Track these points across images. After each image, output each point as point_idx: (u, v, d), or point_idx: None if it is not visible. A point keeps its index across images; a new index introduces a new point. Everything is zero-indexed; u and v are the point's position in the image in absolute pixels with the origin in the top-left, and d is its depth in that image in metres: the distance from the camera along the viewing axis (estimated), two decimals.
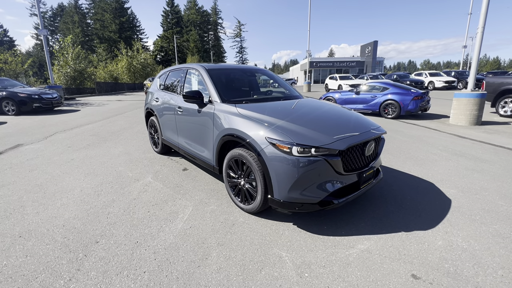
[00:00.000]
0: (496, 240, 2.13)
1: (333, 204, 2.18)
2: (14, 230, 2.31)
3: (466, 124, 6.92)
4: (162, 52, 66.58)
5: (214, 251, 2.04)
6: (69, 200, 2.88)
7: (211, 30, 73.60)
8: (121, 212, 2.61)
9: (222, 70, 3.59)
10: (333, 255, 1.98)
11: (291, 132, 2.21)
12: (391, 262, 1.90)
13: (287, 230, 2.31)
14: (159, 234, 2.25)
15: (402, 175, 3.55)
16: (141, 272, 1.80)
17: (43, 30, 15.28)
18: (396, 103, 8.21)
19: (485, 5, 6.27)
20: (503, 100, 8.10)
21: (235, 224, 2.41)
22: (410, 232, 2.26)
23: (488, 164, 3.93)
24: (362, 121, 2.72)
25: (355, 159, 2.36)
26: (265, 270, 1.83)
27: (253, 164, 2.32)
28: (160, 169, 3.86)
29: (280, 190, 2.17)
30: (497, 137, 5.61)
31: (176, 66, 4.21)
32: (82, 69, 24.01)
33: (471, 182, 3.29)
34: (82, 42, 55.41)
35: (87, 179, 3.46)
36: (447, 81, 20.40)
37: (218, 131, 2.75)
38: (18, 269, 1.83)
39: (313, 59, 47.85)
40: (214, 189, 3.16)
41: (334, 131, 2.32)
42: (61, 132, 6.60)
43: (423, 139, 5.51)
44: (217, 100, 2.94)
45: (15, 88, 10.32)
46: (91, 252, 2.01)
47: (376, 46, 45.82)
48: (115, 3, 59.78)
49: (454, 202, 2.79)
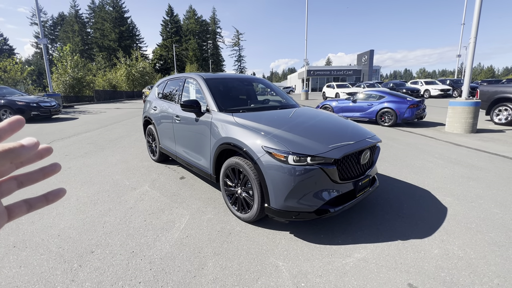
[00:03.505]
0: (492, 249, 2.14)
1: (330, 212, 2.19)
2: (8, 240, 2.29)
3: (461, 132, 7.00)
4: (161, 61, 67.18)
5: (211, 260, 2.03)
6: (65, 209, 2.86)
7: (210, 39, 74.57)
8: (117, 221, 2.60)
9: (219, 80, 3.64)
10: (330, 264, 1.98)
11: (287, 141, 2.24)
12: (387, 271, 1.90)
13: (283, 239, 2.31)
14: (155, 243, 2.24)
15: (398, 183, 3.57)
16: (136, 283, 1.79)
17: (43, 39, 15.43)
18: (392, 111, 8.31)
19: (476, 17, 6.45)
20: (497, 108, 8.23)
21: (232, 233, 2.41)
22: (406, 241, 2.26)
23: (484, 172, 3.97)
24: (358, 130, 2.75)
25: (350, 167, 2.38)
26: (262, 280, 1.82)
27: (250, 172, 2.33)
28: (157, 177, 3.86)
29: (277, 199, 2.18)
30: (492, 145, 5.68)
31: (174, 76, 4.26)
32: (81, 77, 24.13)
33: (467, 190, 3.31)
34: (81, 50, 55.90)
35: (84, 188, 3.44)
36: (443, 89, 20.70)
37: (216, 139, 2.77)
38: (11, 280, 1.81)
39: (311, 68, 48.46)
40: (211, 197, 3.16)
41: (329, 140, 2.35)
42: (59, 140, 6.59)
43: (419, 147, 5.55)
44: (215, 109, 2.97)
45: (13, 96, 10.34)
46: (86, 263, 1.99)
47: (372, 55, 46.52)
48: (115, 13, 60.60)
49: (450, 210, 2.80)
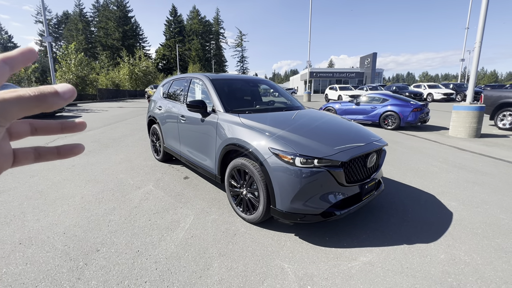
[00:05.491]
0: (498, 255, 2.12)
1: (336, 215, 2.18)
2: (14, 236, 2.29)
3: (465, 137, 6.97)
4: (164, 60, 67.43)
5: (216, 261, 2.02)
6: (70, 207, 2.87)
7: (213, 40, 74.79)
8: (122, 220, 2.60)
9: (225, 80, 3.65)
10: (336, 267, 1.97)
11: (294, 142, 2.23)
12: (394, 275, 1.89)
13: (289, 241, 2.30)
14: (160, 243, 2.24)
15: (403, 187, 3.56)
16: (142, 282, 1.79)
17: (48, 38, 15.52)
18: (396, 114, 8.29)
19: (482, 21, 6.43)
20: (501, 113, 8.20)
21: (237, 234, 2.40)
22: (412, 245, 2.25)
23: (488, 177, 3.95)
24: (364, 133, 2.75)
25: (357, 170, 2.37)
26: (267, 281, 1.82)
27: (256, 174, 2.33)
28: (161, 177, 3.86)
29: (283, 201, 2.18)
30: (497, 149, 5.65)
31: (180, 76, 4.27)
32: (85, 75, 24.24)
33: (472, 195, 3.30)
34: (85, 49, 56.14)
35: (88, 186, 3.45)
36: (446, 93, 20.65)
37: (221, 140, 2.78)
38: (18, 277, 1.81)
39: (313, 70, 48.46)
40: (215, 198, 3.16)
41: (336, 142, 2.35)
42: (62, 138, 6.61)
43: (423, 151, 5.54)
44: (221, 110, 2.97)
45: None
46: (92, 261, 1.99)
47: (375, 57, 46.54)
48: (119, 12, 60.92)
49: (456, 215, 2.79)
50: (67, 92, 0.27)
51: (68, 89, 0.27)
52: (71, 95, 0.27)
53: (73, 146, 0.34)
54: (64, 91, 0.27)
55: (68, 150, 0.33)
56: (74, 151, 0.34)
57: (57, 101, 0.26)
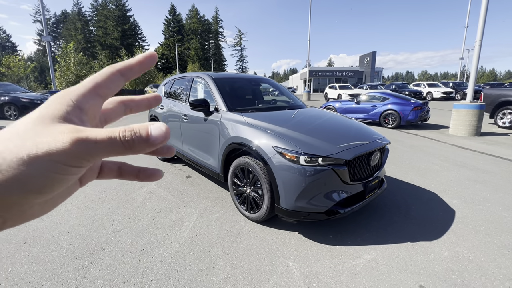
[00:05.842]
0: (501, 252, 2.14)
1: (339, 213, 2.19)
2: (18, 236, 2.30)
3: (465, 135, 6.99)
4: (163, 60, 67.20)
5: (221, 259, 2.03)
6: (73, 206, 2.87)
7: (212, 39, 74.58)
8: (126, 219, 2.61)
9: (228, 79, 3.65)
10: (340, 265, 1.98)
11: (298, 141, 2.24)
12: (398, 272, 1.90)
13: (293, 239, 2.31)
14: (165, 242, 2.25)
15: (405, 185, 3.57)
16: (148, 281, 1.79)
17: (47, 37, 15.46)
18: (396, 113, 8.30)
19: (482, 20, 6.44)
20: (501, 111, 8.22)
21: (241, 232, 2.41)
22: (415, 243, 2.26)
23: (490, 175, 3.97)
24: (367, 131, 2.76)
25: (361, 169, 2.38)
26: (273, 279, 1.83)
27: (260, 172, 2.34)
28: (163, 176, 3.85)
29: (287, 199, 2.19)
30: (497, 148, 5.67)
31: (182, 75, 4.27)
32: (84, 75, 24.20)
33: (474, 192, 3.31)
34: (84, 48, 55.92)
35: (91, 185, 3.45)
36: (445, 92, 20.66)
37: (225, 139, 2.78)
38: (24, 276, 1.82)
39: (313, 68, 48.46)
40: (218, 197, 3.16)
41: (340, 141, 2.35)
42: None
43: (423, 149, 5.55)
44: (224, 109, 2.98)
45: (18, 93, 10.36)
46: (97, 260, 2.00)
47: (374, 56, 46.51)
48: (118, 11, 60.67)
49: (458, 212, 2.80)
50: (159, 137, 0.22)
51: (162, 133, 0.22)
52: (162, 141, 0.22)
53: (152, 173, 0.32)
54: (156, 136, 0.22)
55: (148, 175, 0.32)
56: (152, 178, 0.32)
57: (144, 148, 0.22)
